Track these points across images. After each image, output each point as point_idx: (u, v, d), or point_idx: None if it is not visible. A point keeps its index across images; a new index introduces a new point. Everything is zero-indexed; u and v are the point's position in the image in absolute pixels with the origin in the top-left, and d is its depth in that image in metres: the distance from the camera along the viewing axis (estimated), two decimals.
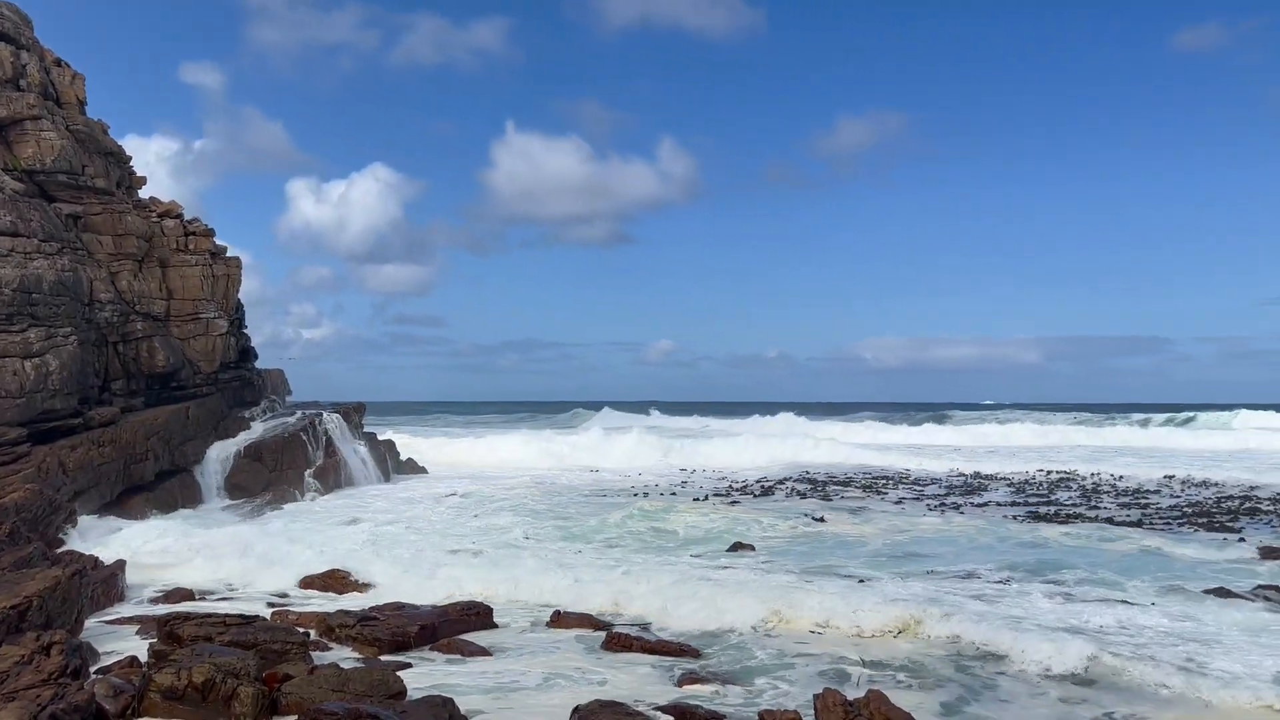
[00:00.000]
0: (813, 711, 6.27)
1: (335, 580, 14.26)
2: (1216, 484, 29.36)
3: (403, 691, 8.47)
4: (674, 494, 26.16)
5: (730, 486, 28.71)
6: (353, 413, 30.89)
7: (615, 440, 41.24)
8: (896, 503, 24.66)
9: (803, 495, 26.11)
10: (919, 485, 29.70)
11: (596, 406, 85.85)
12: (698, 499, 24.55)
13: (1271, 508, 23.20)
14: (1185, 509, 23.08)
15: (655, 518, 20.01)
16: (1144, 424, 61.67)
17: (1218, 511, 22.47)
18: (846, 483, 30.07)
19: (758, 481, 30.30)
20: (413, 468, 32.32)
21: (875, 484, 29.80)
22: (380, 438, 32.23)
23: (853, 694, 6.25)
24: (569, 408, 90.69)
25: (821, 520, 20.01)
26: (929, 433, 56.53)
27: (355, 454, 28.77)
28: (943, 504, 24.30)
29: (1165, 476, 31.59)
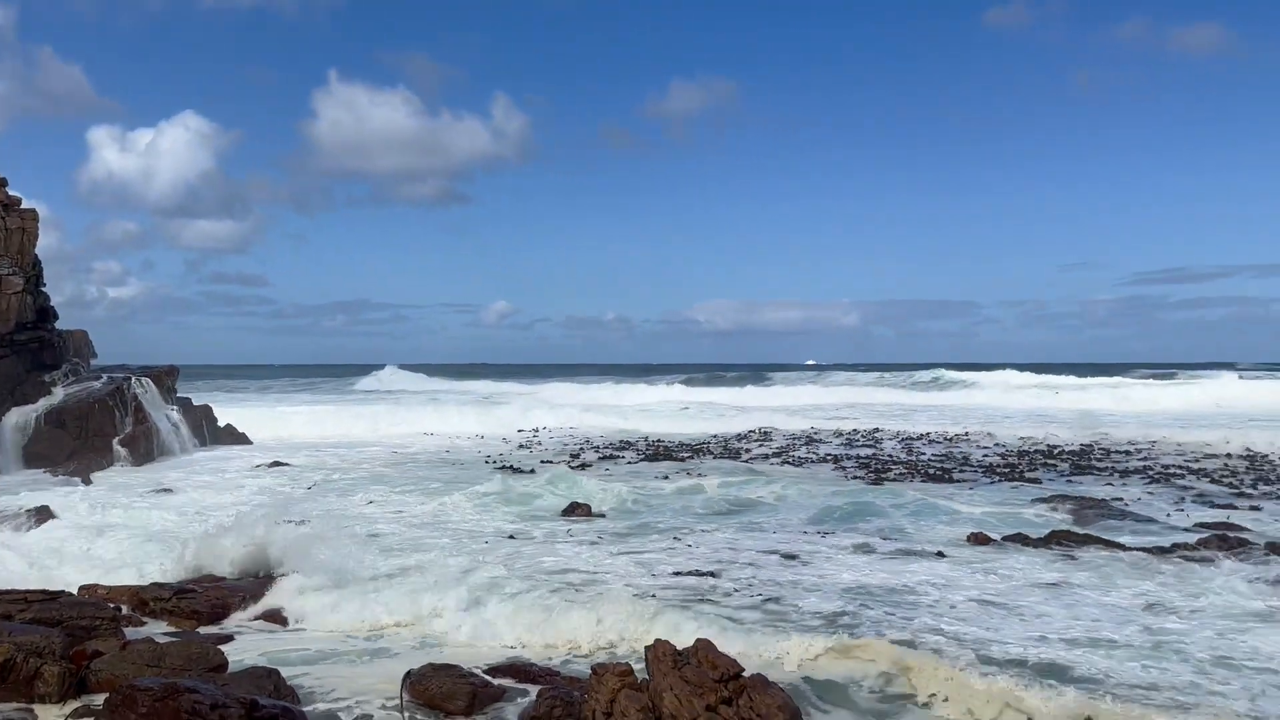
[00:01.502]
0: (644, 663, 6.46)
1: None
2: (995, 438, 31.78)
3: (224, 664, 8.19)
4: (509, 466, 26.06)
5: (578, 450, 28.92)
6: (164, 377, 29.18)
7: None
8: (720, 457, 25.51)
9: (653, 459, 26.54)
10: (752, 443, 30.79)
11: (429, 369, 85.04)
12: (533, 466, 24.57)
13: (1050, 460, 25.37)
14: (989, 462, 24.90)
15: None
16: (936, 383, 66.18)
17: (1019, 464, 24.37)
18: (665, 448, 30.76)
19: (596, 449, 30.63)
20: (232, 436, 30.88)
21: (700, 446, 30.68)
22: (196, 404, 30.62)
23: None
24: (432, 370, 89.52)
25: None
26: (750, 394, 58.67)
27: (168, 421, 27.25)
28: (771, 459, 25.33)
29: (964, 433, 33.91)
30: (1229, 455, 26.33)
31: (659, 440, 32.35)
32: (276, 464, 23.50)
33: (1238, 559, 12.48)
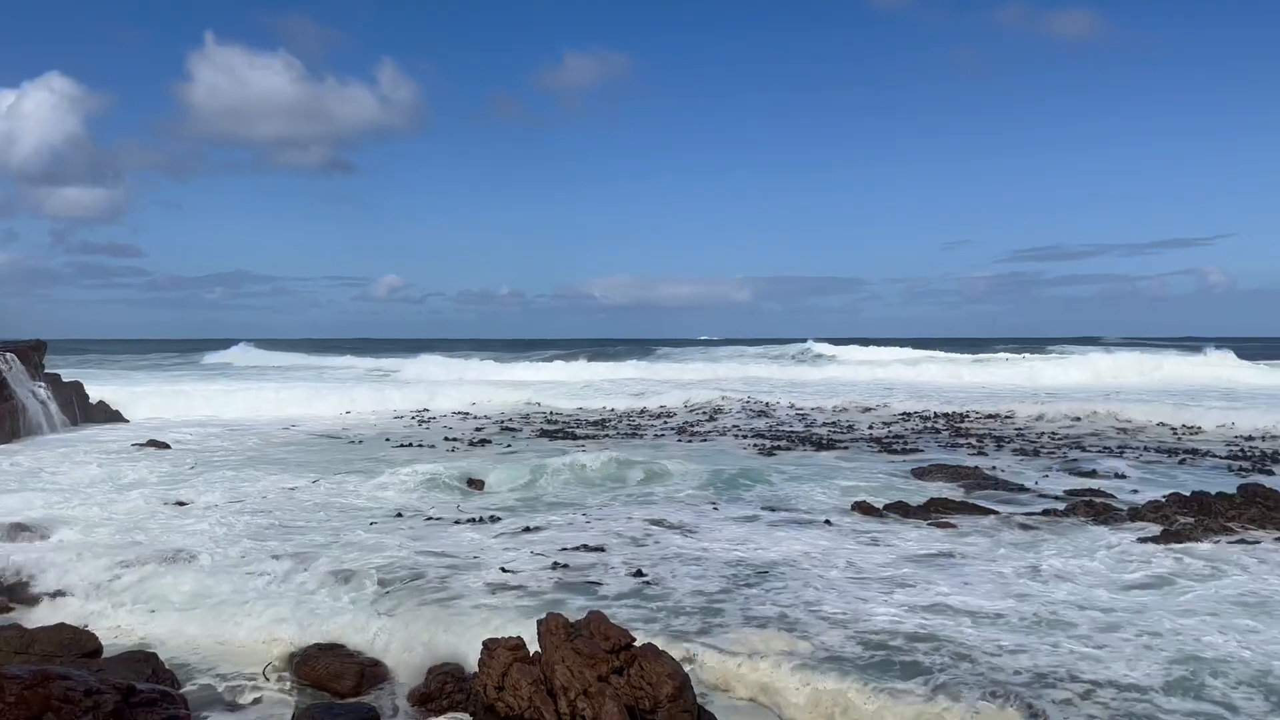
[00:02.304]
0: (536, 635, 6.49)
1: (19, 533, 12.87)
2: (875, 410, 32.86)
3: (98, 649, 7.89)
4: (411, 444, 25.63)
5: (470, 430, 28.61)
6: (31, 352, 27.65)
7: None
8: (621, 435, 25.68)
9: (551, 436, 26.47)
10: (652, 418, 31.03)
11: (313, 344, 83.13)
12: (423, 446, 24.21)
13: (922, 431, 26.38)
14: (873, 433, 25.72)
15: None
16: (808, 356, 68.12)
17: (903, 435, 25.24)
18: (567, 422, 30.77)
19: (496, 421, 30.39)
20: (105, 413, 29.51)
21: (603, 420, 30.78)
22: (65, 380, 29.12)
23: None
24: (295, 346, 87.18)
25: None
26: (648, 369, 59.01)
27: (34, 398, 25.88)
28: (679, 433, 25.60)
29: (844, 405, 34.90)
30: (1095, 428, 27.81)
31: (558, 416, 32.32)
32: (154, 443, 22.59)
33: (1103, 524, 13.23)
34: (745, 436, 25.39)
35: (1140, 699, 6.93)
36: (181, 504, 14.88)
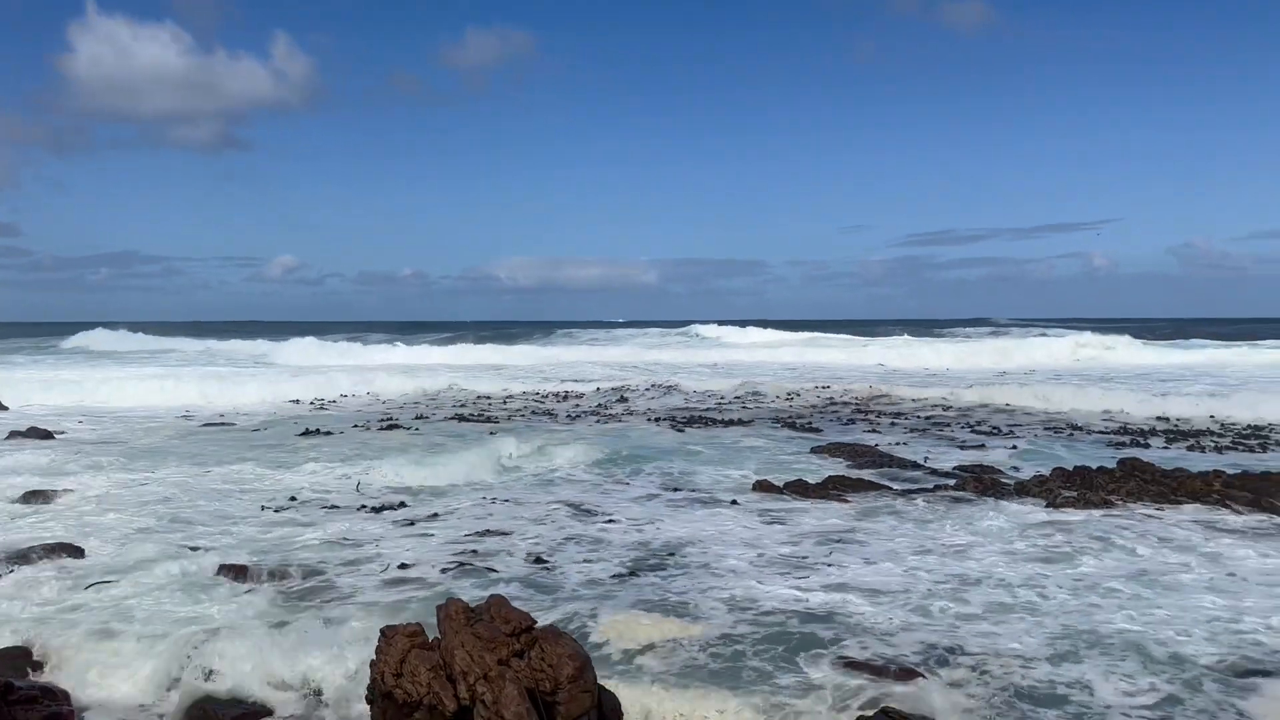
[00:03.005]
0: (435, 621, 6.43)
1: None
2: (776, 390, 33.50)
3: None
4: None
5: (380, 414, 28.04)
6: None
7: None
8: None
9: (462, 419, 26.11)
10: (562, 400, 30.93)
11: (204, 327, 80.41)
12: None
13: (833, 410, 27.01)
14: (775, 413, 26.17)
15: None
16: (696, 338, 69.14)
17: (805, 415, 25.75)
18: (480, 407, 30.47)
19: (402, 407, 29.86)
20: None
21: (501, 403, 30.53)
22: None
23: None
24: (180, 329, 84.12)
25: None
26: (557, 352, 58.85)
27: None
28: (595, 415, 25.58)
29: (740, 384, 35.47)
30: (984, 407, 28.86)
31: (468, 399, 31.93)
32: (36, 431, 21.51)
33: (992, 499, 13.74)
34: (657, 418, 25.54)
35: (1027, 670, 7.21)
36: (49, 494, 14.21)
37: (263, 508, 13.37)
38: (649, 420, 25.06)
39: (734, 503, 13.75)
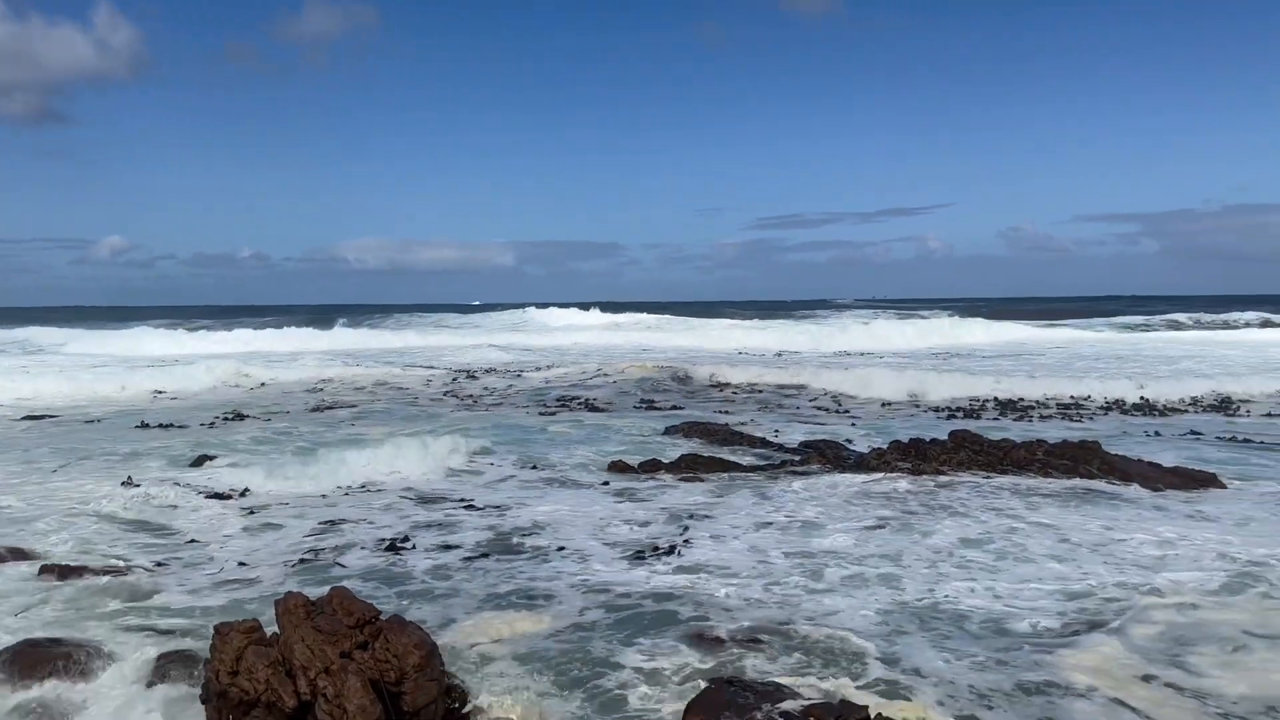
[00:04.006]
0: (274, 616, 6.15)
1: None
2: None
3: None
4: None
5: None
6: None
7: None
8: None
9: (317, 409, 25.04)
10: (427, 385, 30.16)
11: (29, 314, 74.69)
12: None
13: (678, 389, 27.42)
14: (635, 395, 26.35)
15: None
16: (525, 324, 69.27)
17: (659, 397, 26.01)
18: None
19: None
20: None
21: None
22: None
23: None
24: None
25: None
26: (415, 337, 57.31)
27: None
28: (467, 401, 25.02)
29: (597, 367, 35.64)
30: (826, 386, 29.90)
31: (322, 386, 30.67)
32: None
33: (835, 472, 14.23)
34: (511, 401, 25.28)
35: (868, 638, 7.48)
36: None
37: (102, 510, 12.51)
38: (505, 403, 24.80)
39: (589, 484, 13.76)
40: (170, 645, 7.33)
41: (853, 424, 20.24)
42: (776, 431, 18.87)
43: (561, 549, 10.18)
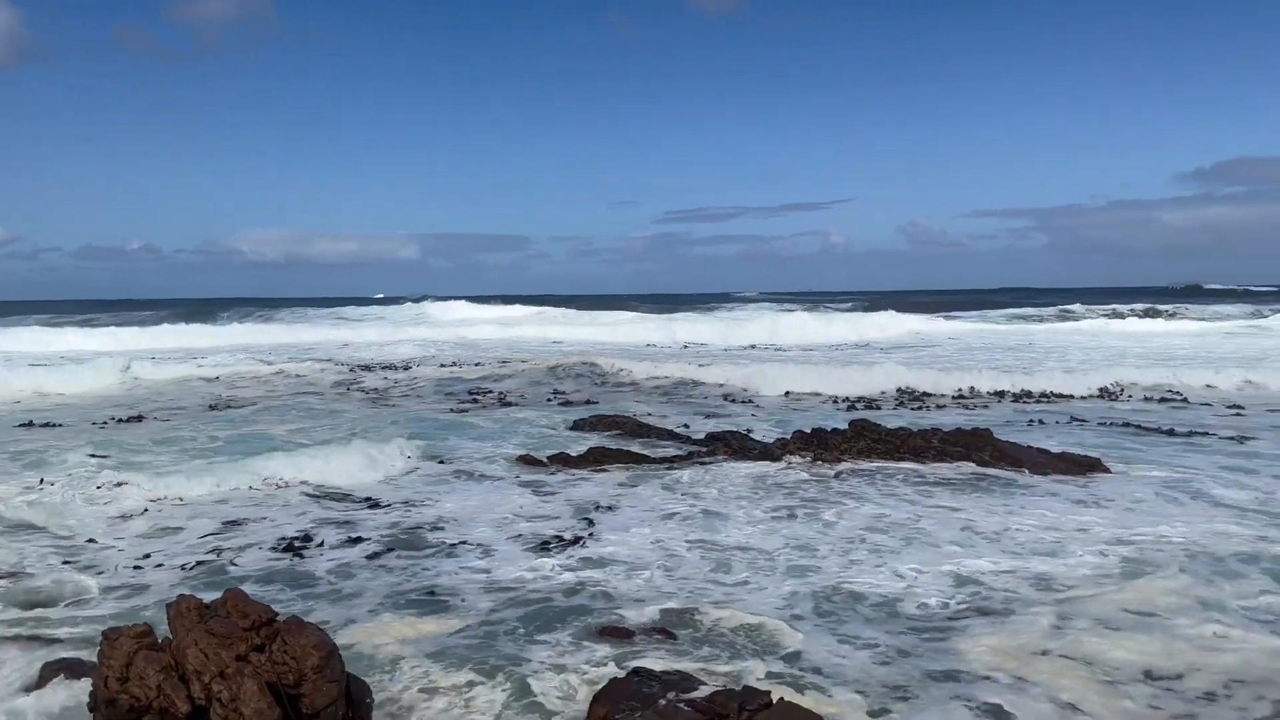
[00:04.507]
0: (165, 620, 5.95)
1: None
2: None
3: None
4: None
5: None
6: None
7: None
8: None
9: (216, 408, 24.19)
10: (341, 382, 29.42)
11: None
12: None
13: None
14: (547, 388, 26.24)
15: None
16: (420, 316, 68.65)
17: (578, 388, 25.97)
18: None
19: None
20: None
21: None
22: None
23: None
24: None
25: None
26: (321, 332, 55.77)
27: None
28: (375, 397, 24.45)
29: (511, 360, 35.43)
30: (736, 379, 30.27)
31: (221, 383, 29.65)
32: None
33: (741, 461, 14.43)
34: (426, 397, 24.90)
35: (775, 626, 7.61)
36: None
37: None
38: (410, 398, 24.43)
39: (497, 478, 13.66)
40: (57, 653, 7.05)
41: (757, 415, 20.56)
42: (683, 424, 19.04)
43: (468, 544, 10.10)
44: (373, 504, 12.11)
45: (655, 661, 6.73)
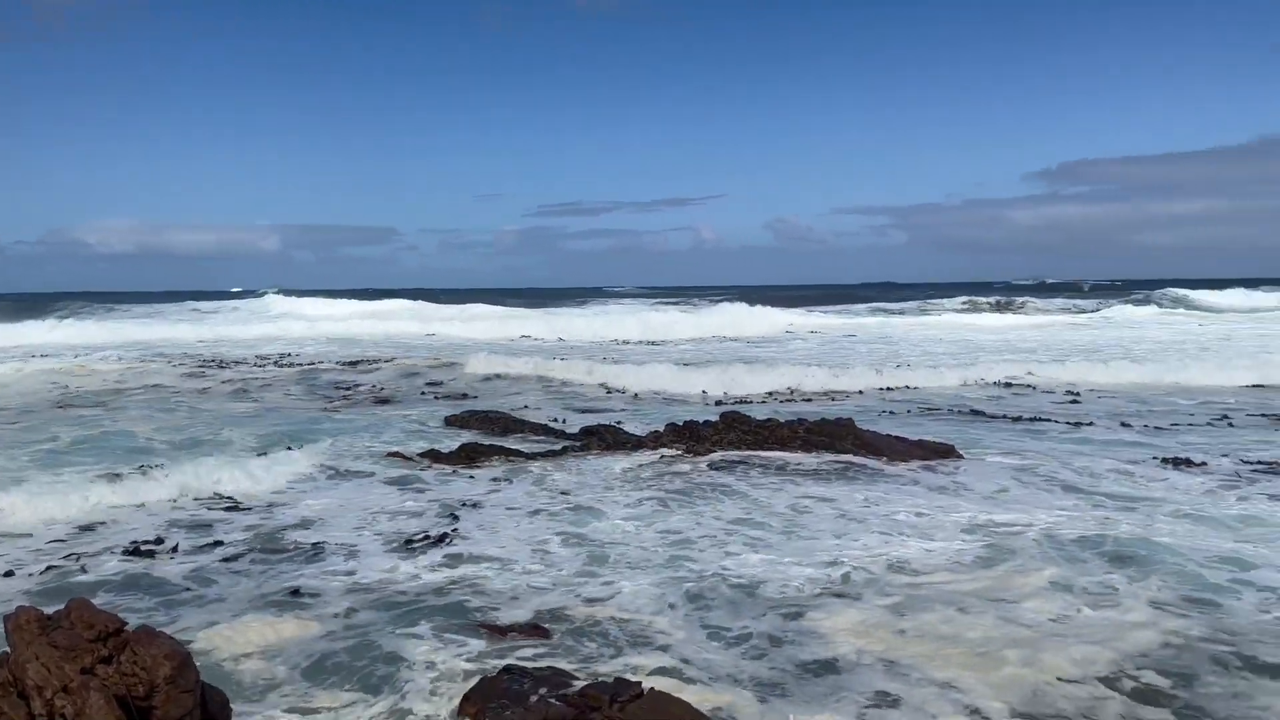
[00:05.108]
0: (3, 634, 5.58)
1: None
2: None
3: None
4: None
5: None
6: None
7: None
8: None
9: (62, 405, 22.61)
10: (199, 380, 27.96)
11: None
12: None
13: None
14: (421, 385, 25.72)
15: None
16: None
17: (452, 381, 25.54)
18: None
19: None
20: None
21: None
22: None
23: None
24: None
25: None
26: (178, 329, 52.85)
27: None
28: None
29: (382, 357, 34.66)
30: (603, 377, 30.41)
31: (66, 382, 27.82)
32: None
33: (615, 455, 14.50)
34: (291, 393, 24.02)
35: (644, 619, 7.67)
36: None
37: None
38: (273, 393, 23.56)
39: (364, 476, 13.33)
40: None
41: (630, 409, 20.70)
42: (556, 419, 19.00)
43: (332, 545, 9.82)
44: (232, 506, 11.63)
45: (528, 659, 6.70)
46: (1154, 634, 7.09)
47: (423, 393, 23.95)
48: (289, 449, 15.17)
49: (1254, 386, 23.54)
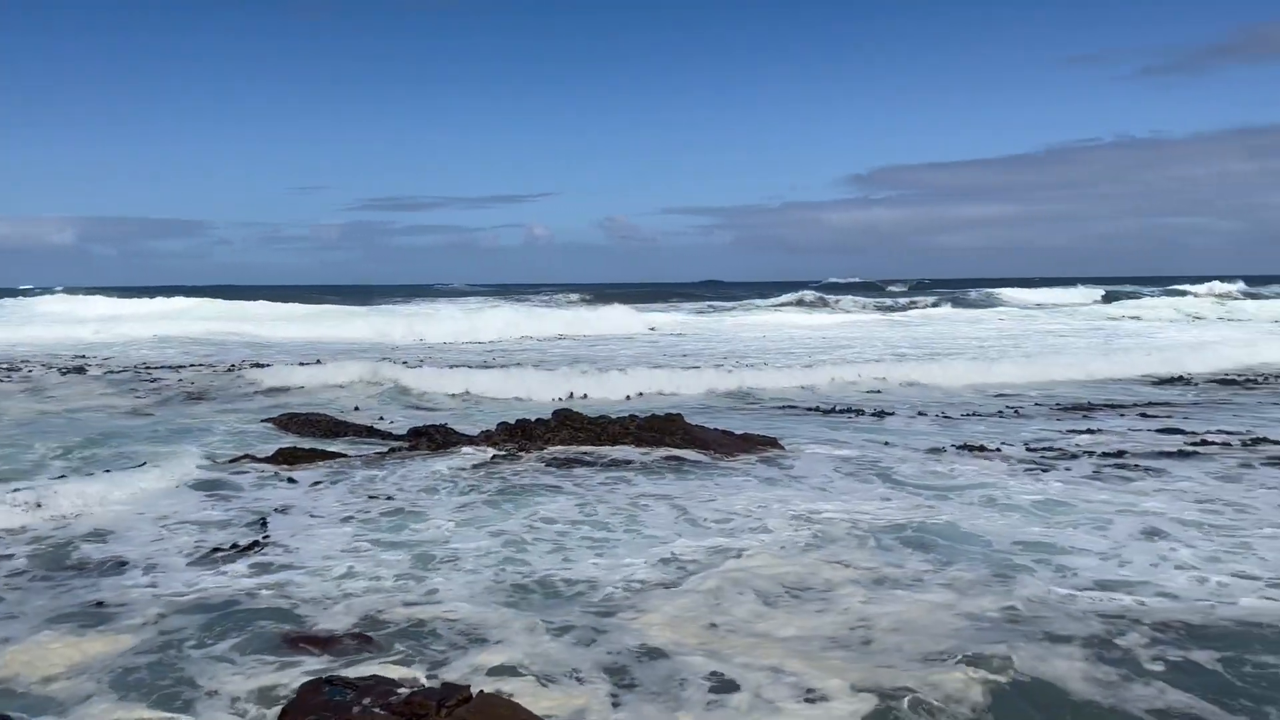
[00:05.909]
0: None
1: None
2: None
3: None
4: None
5: None
6: None
7: None
8: None
9: None
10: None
11: None
12: None
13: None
14: (254, 384, 24.31)
15: None
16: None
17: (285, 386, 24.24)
18: None
19: None
20: None
21: None
22: None
23: None
24: None
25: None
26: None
27: None
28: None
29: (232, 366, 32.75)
30: (438, 378, 29.82)
31: None
32: None
33: (444, 455, 14.16)
34: (91, 396, 22.22)
35: (474, 623, 7.46)
36: None
37: None
38: (71, 397, 21.79)
39: (170, 483, 12.43)
40: None
41: (462, 411, 20.33)
42: (384, 418, 18.43)
43: (130, 557, 9.12)
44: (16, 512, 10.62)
45: (351, 668, 6.40)
46: (960, 615, 7.48)
47: (236, 395, 22.72)
48: (84, 456, 14.03)
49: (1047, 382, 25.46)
